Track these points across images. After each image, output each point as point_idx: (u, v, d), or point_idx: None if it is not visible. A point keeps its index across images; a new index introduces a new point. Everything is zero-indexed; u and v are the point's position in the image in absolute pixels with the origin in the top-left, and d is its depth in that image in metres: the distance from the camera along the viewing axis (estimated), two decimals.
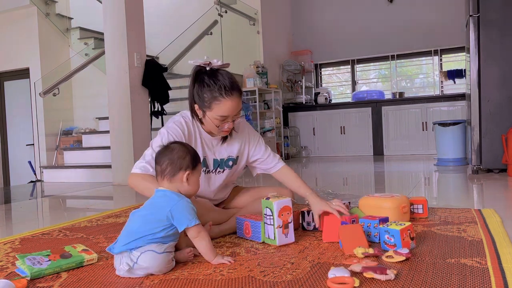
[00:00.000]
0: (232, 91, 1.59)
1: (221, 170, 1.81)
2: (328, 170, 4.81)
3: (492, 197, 2.57)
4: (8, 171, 6.24)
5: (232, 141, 1.81)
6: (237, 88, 1.62)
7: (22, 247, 1.75)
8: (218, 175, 1.81)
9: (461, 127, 4.32)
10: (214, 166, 1.79)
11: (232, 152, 1.81)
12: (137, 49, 4.15)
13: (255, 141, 1.87)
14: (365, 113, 6.46)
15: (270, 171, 1.88)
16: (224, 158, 1.80)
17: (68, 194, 3.79)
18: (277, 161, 1.86)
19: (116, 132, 4.15)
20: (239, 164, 1.86)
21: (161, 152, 1.42)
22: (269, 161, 1.86)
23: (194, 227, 1.31)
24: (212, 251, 1.35)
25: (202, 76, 1.61)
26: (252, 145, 1.86)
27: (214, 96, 1.58)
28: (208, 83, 1.59)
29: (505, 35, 3.43)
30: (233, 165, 1.83)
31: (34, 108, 5.72)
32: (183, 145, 1.44)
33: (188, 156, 1.40)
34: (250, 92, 5.83)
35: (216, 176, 1.81)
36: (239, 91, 1.62)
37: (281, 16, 7.23)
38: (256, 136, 1.89)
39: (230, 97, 1.58)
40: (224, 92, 1.57)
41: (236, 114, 1.64)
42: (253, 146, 1.86)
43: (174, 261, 1.33)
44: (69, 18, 6.22)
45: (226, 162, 1.81)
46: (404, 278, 1.16)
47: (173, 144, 1.44)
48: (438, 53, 6.65)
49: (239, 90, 1.63)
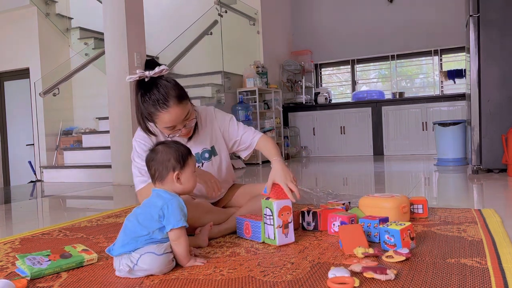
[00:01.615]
0: (167, 103, 1.54)
1: (199, 164, 1.81)
2: (328, 170, 4.81)
3: (492, 197, 2.57)
4: (8, 171, 6.24)
5: (200, 134, 1.80)
6: (174, 96, 1.56)
7: (22, 247, 1.75)
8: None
9: (461, 127, 4.31)
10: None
11: (205, 143, 1.81)
12: (137, 49, 4.15)
13: (226, 123, 1.85)
14: (365, 113, 6.47)
15: (251, 148, 1.86)
16: (199, 152, 1.81)
17: (68, 194, 3.79)
18: (254, 135, 1.84)
19: (116, 132, 4.15)
20: (220, 154, 1.85)
21: (148, 157, 1.42)
22: (246, 138, 1.84)
23: (178, 229, 1.30)
24: (187, 257, 1.34)
25: (140, 90, 1.58)
26: (225, 128, 1.85)
27: (151, 111, 1.57)
28: (144, 98, 1.57)
29: (505, 35, 3.43)
30: (211, 156, 1.83)
31: (34, 108, 5.72)
32: (167, 145, 1.42)
33: (173, 156, 1.39)
34: (250, 92, 5.84)
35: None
36: (177, 98, 1.56)
37: (281, 16, 7.23)
38: (226, 118, 1.87)
39: (166, 109, 1.55)
40: (159, 106, 1.55)
41: (184, 119, 1.62)
42: (226, 130, 1.85)
43: (174, 261, 1.33)
44: (69, 18, 6.22)
45: (202, 155, 1.82)
46: (404, 278, 1.16)
47: (157, 146, 1.43)
48: (438, 53, 6.65)
49: (177, 97, 1.56)
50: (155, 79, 1.57)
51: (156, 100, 1.55)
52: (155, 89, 1.56)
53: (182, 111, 1.60)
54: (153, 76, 1.56)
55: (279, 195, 1.54)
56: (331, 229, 1.67)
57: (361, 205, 1.83)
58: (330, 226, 1.67)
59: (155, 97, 1.55)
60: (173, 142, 1.46)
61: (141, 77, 1.57)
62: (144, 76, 1.56)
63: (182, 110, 1.60)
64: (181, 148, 1.43)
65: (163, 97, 1.55)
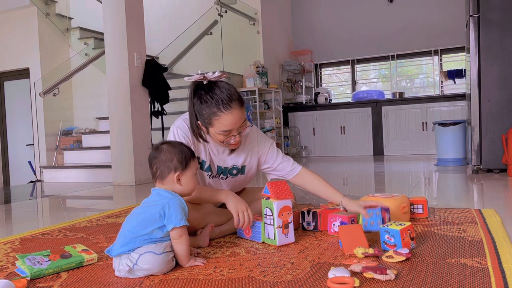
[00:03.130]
0: (231, 104, 1.52)
1: (224, 176, 1.78)
2: (328, 170, 4.81)
3: (492, 197, 2.57)
4: (8, 171, 6.24)
5: (239, 151, 1.74)
6: (237, 99, 1.55)
7: (22, 247, 1.75)
8: (221, 180, 1.79)
9: (461, 127, 4.31)
10: (218, 172, 1.76)
11: (238, 161, 1.76)
12: (137, 49, 4.15)
13: (266, 149, 1.79)
14: (365, 113, 6.46)
15: (287, 177, 1.81)
16: (228, 167, 1.76)
17: (68, 194, 3.79)
18: (292, 165, 1.79)
19: (116, 132, 4.15)
20: (247, 174, 1.81)
21: (151, 154, 1.41)
22: (283, 167, 1.80)
23: (179, 228, 1.30)
24: (187, 256, 1.34)
25: (200, 91, 1.56)
26: (262, 154, 1.79)
27: (212, 111, 1.53)
28: (205, 99, 1.53)
29: (505, 35, 3.43)
30: (238, 173, 1.79)
31: (34, 108, 5.72)
32: (172, 145, 1.42)
33: (176, 157, 1.38)
34: (250, 92, 5.83)
35: (220, 181, 1.79)
36: (239, 101, 1.55)
37: (281, 16, 7.23)
38: (267, 144, 1.81)
39: (229, 110, 1.52)
40: (222, 106, 1.51)
41: (240, 126, 1.58)
42: (263, 155, 1.79)
43: (174, 261, 1.33)
44: (69, 18, 6.21)
45: (230, 171, 1.77)
46: (404, 278, 1.16)
47: (162, 145, 1.42)
48: (438, 53, 6.65)
49: (239, 100, 1.55)
50: (214, 82, 1.56)
51: (221, 100, 1.51)
52: (217, 89, 1.54)
53: (243, 115, 1.57)
54: (212, 79, 1.55)
55: (279, 195, 1.54)
56: (331, 229, 1.67)
57: None
58: (330, 226, 1.67)
59: (218, 97, 1.52)
60: (179, 143, 1.45)
61: (201, 79, 1.55)
62: (204, 78, 1.55)
63: (243, 114, 1.57)
64: (185, 150, 1.42)
65: (228, 98, 1.52)
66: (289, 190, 1.56)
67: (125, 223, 1.35)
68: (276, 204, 1.51)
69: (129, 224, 1.33)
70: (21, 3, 5.83)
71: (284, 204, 1.53)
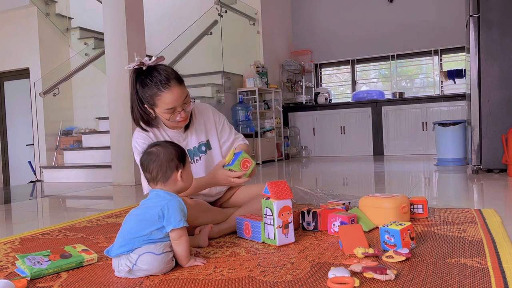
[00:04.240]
0: (169, 83, 1.62)
1: (197, 157, 1.87)
2: (328, 170, 4.81)
3: (492, 197, 2.57)
4: (8, 171, 6.24)
5: (196, 127, 1.86)
6: (174, 77, 1.64)
7: (22, 247, 1.75)
8: (197, 164, 1.86)
9: (461, 127, 4.32)
10: (191, 156, 1.85)
11: (201, 137, 1.88)
12: (137, 49, 4.14)
13: (221, 122, 1.95)
14: (365, 113, 6.47)
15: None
16: (196, 146, 1.87)
17: (68, 194, 3.79)
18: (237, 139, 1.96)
19: (116, 132, 4.15)
20: (214, 148, 1.91)
21: (146, 159, 1.40)
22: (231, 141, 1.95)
23: (178, 229, 1.30)
24: (188, 257, 1.34)
25: (141, 77, 1.66)
26: (219, 125, 1.94)
27: (154, 92, 1.63)
28: (146, 82, 1.64)
29: (505, 35, 3.43)
30: (207, 149, 1.89)
31: (34, 108, 5.72)
32: (162, 146, 1.43)
33: (175, 156, 1.40)
34: (250, 92, 5.84)
35: (197, 166, 1.85)
36: (177, 80, 1.64)
37: (281, 16, 7.23)
38: (221, 117, 1.97)
39: (168, 89, 1.62)
40: (161, 86, 1.61)
41: (184, 102, 1.67)
42: (219, 126, 1.94)
43: (174, 261, 1.33)
44: (69, 18, 6.21)
45: (199, 148, 1.87)
46: (404, 278, 1.16)
47: (155, 147, 1.42)
48: (438, 53, 6.65)
49: (176, 79, 1.65)
50: (153, 67, 1.66)
51: (159, 81, 1.62)
52: (156, 72, 1.64)
53: (183, 91, 1.66)
54: (150, 64, 1.65)
55: (279, 195, 1.54)
56: (331, 229, 1.67)
57: (361, 205, 1.83)
58: (330, 226, 1.67)
59: (156, 79, 1.62)
60: (166, 142, 1.49)
61: (140, 65, 1.65)
62: (143, 64, 1.64)
63: (183, 91, 1.66)
64: (176, 145, 1.46)
65: (165, 78, 1.62)
66: (289, 190, 1.56)
67: (124, 224, 1.35)
68: (276, 204, 1.51)
69: (128, 225, 1.33)
70: (21, 3, 5.82)
71: (284, 204, 1.53)
